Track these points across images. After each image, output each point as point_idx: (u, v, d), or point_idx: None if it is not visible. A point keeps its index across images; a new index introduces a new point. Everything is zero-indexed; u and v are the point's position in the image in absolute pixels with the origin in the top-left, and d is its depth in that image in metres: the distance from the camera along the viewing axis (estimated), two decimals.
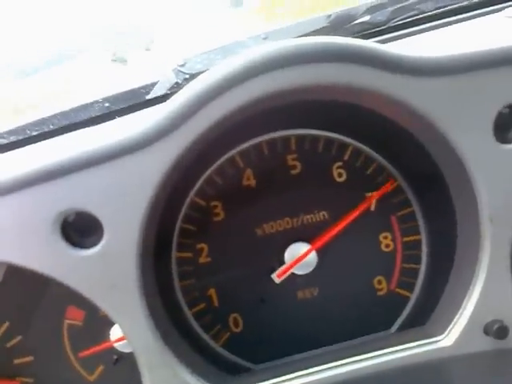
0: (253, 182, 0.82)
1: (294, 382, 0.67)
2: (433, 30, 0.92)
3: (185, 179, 0.70)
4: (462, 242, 0.72)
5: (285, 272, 0.79)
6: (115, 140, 0.60)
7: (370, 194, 0.82)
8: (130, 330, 0.63)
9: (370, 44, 0.61)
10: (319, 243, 0.79)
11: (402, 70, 0.60)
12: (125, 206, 0.60)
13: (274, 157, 0.82)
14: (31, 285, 0.76)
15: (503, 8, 0.92)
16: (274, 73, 0.58)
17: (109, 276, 0.61)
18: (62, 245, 0.60)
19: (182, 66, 0.93)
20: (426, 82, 0.61)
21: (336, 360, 0.69)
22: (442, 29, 0.92)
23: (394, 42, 0.91)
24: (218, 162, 0.81)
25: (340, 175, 0.82)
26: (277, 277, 0.79)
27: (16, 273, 0.72)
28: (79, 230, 0.61)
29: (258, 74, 0.59)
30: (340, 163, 0.83)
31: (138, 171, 0.59)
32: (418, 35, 0.91)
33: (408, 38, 0.91)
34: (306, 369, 0.68)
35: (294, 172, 0.82)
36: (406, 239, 0.83)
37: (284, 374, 0.68)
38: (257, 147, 0.82)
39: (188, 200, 0.81)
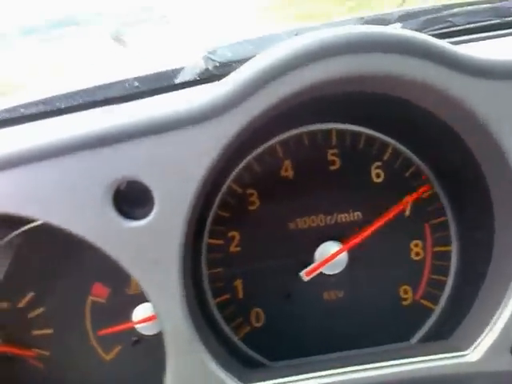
0: (290, 174, 0.81)
1: (308, 383, 0.66)
2: (463, 43, 0.91)
3: (225, 164, 0.69)
4: (497, 256, 0.71)
5: (314, 271, 0.78)
6: (172, 111, 0.58)
7: (406, 198, 0.81)
8: (163, 308, 0.61)
9: (437, 40, 0.61)
10: (351, 244, 0.78)
11: (466, 70, 0.60)
12: (178, 179, 0.58)
13: (313, 150, 0.81)
14: (60, 259, 0.75)
15: None
16: (345, 57, 0.57)
17: (153, 250, 0.59)
18: (112, 213, 0.58)
19: (212, 53, 0.92)
20: (487, 84, 0.60)
21: (353, 365, 0.68)
22: (472, 43, 0.91)
23: None
24: (259, 150, 0.80)
25: (378, 176, 0.82)
26: (305, 275, 0.78)
27: (46, 245, 0.71)
28: (130, 200, 0.60)
29: (323, 58, 0.57)
30: (379, 163, 0.82)
31: (194, 145, 0.58)
32: None
33: None
34: (322, 371, 0.67)
35: (332, 168, 0.81)
36: (436, 249, 0.82)
37: (299, 374, 0.67)
38: (298, 138, 0.81)
39: (225, 186, 0.80)
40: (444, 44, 0.61)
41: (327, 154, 0.81)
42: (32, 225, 0.70)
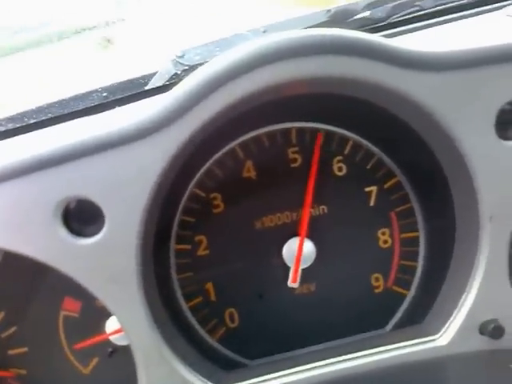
0: (253, 174, 0.81)
1: (288, 379, 0.67)
2: (433, 27, 0.92)
3: (185, 170, 0.69)
4: (460, 239, 0.72)
5: (296, 273, 0.78)
6: (117, 128, 0.59)
7: (369, 189, 0.82)
8: (127, 323, 0.62)
9: (377, 38, 0.61)
10: (303, 229, 0.78)
11: (407, 64, 0.60)
12: (127, 195, 0.59)
13: (274, 149, 0.82)
14: (28, 275, 0.76)
15: (503, 6, 0.92)
16: (280, 63, 0.58)
17: (108, 266, 0.60)
18: (63, 232, 0.59)
19: (181, 57, 0.92)
20: (430, 77, 0.61)
21: (331, 357, 0.69)
22: (441, 26, 0.92)
23: (394, 38, 0.90)
24: (219, 154, 0.81)
25: (340, 169, 0.82)
26: (293, 282, 0.78)
27: (13, 263, 0.71)
28: (80, 218, 0.60)
29: (262, 65, 0.58)
30: (340, 157, 0.82)
31: (141, 160, 0.59)
32: (417, 32, 0.91)
33: (408, 35, 0.90)
34: (301, 365, 0.68)
35: (294, 165, 0.82)
36: (403, 236, 0.83)
37: (278, 370, 0.68)
38: (257, 139, 0.81)
39: (188, 191, 0.80)
40: (382, 40, 0.61)
41: (288, 153, 0.81)
42: None
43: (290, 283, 0.79)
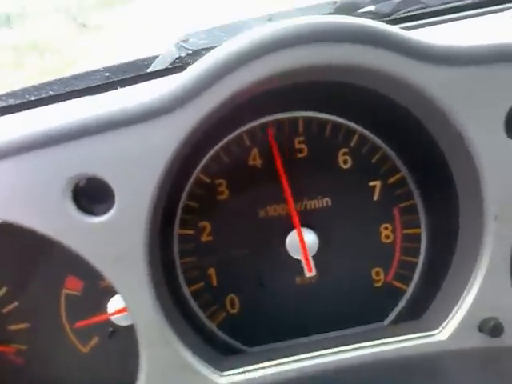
0: (258, 162, 0.81)
1: (284, 367, 0.67)
2: (436, 25, 0.92)
3: (192, 154, 0.69)
4: (463, 237, 0.72)
5: (309, 263, 0.78)
6: (130, 106, 0.59)
7: (373, 183, 0.82)
8: (132, 301, 0.62)
9: (394, 28, 0.61)
10: (296, 221, 0.78)
11: (420, 56, 0.60)
12: (138, 174, 0.59)
13: (281, 138, 0.82)
14: (32, 252, 0.76)
15: (508, 8, 0.92)
16: (294, 49, 0.57)
17: (116, 245, 0.60)
18: (72, 210, 0.59)
19: (185, 41, 0.92)
20: (442, 70, 0.60)
21: (328, 348, 0.69)
22: (445, 24, 0.92)
23: None
24: (225, 140, 0.81)
25: (345, 162, 0.82)
26: (309, 272, 0.78)
27: (17, 239, 0.71)
28: (90, 196, 0.60)
29: (277, 49, 0.58)
30: (346, 149, 0.82)
31: (153, 140, 0.58)
32: (421, 29, 0.91)
33: (411, 31, 0.91)
34: (298, 355, 0.69)
35: (299, 155, 0.82)
36: (406, 231, 0.83)
37: (276, 358, 0.68)
38: (264, 127, 0.81)
39: (193, 176, 0.80)
40: (400, 31, 0.61)
41: (294, 142, 0.82)
42: None
43: (306, 273, 0.78)
